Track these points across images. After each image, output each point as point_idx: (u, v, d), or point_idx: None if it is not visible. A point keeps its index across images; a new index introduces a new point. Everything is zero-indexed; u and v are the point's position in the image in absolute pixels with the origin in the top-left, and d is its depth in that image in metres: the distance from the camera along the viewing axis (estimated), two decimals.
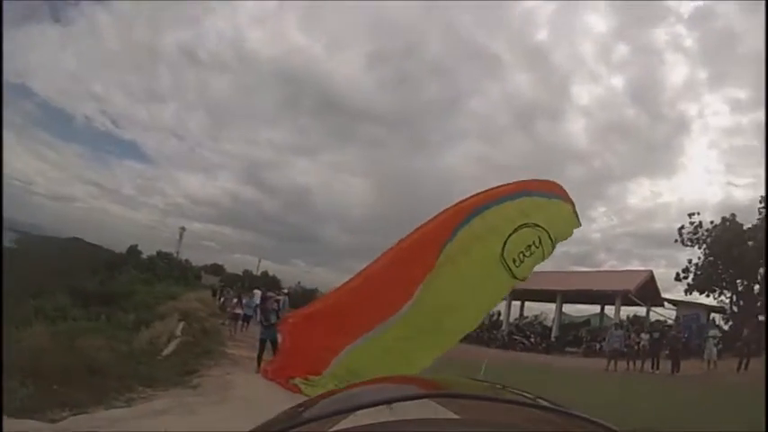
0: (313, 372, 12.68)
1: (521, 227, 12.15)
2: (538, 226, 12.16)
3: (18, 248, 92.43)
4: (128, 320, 25.72)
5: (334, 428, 1.29)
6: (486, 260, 12.41)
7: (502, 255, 12.00)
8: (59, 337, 16.76)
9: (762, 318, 28.80)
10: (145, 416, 9.39)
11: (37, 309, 28.87)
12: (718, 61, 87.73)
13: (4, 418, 8.18)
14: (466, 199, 12.39)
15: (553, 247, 12.82)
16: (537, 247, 12.68)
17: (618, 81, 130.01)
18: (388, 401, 1.28)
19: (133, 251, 62.61)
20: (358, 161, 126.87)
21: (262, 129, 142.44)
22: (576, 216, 13.51)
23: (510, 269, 12.44)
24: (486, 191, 12.66)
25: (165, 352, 17.17)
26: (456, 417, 1.51)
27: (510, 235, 12.06)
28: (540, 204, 12.64)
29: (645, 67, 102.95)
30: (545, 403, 1.41)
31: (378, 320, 12.49)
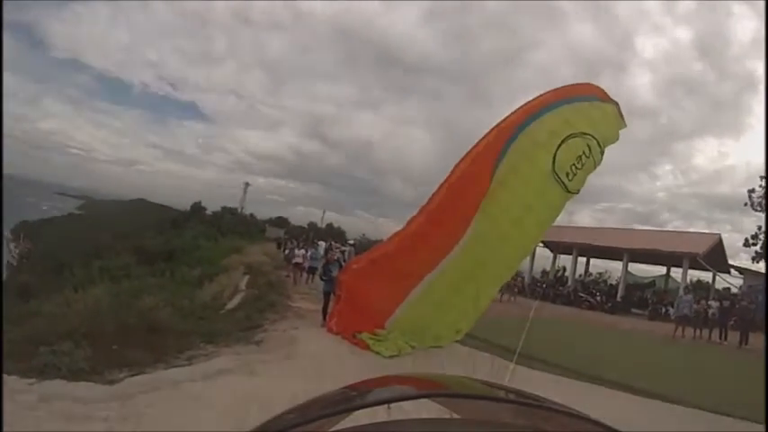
0: (377, 324, 12.03)
1: (568, 137, 11.17)
2: (585, 134, 11.15)
3: (82, 213, 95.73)
4: (192, 275, 25.69)
5: (334, 428, 1.26)
6: (536, 177, 11.47)
7: (553, 169, 11.09)
8: (121, 296, 16.62)
9: None
10: (205, 376, 8.83)
11: (101, 269, 29.30)
12: None
13: (59, 381, 7.86)
14: (507, 117, 11.36)
15: (602, 154, 11.73)
16: (588, 157, 11.73)
17: (684, 34, 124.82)
18: (388, 401, 1.27)
19: (197, 208, 63.42)
20: (419, 114, 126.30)
21: (321, 84, 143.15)
22: (622, 116, 12.21)
23: (564, 183, 11.50)
24: (526, 104, 11.59)
25: (229, 306, 16.82)
26: (456, 417, 1.45)
27: (558, 147, 11.08)
28: (582, 109, 11.56)
29: (712, 20, 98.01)
30: (547, 403, 1.33)
31: (440, 257, 11.68)
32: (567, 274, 44.19)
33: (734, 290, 35.40)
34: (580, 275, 44.29)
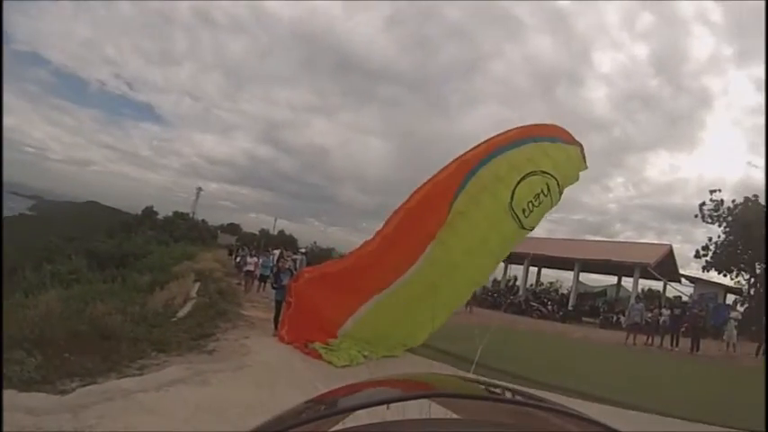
0: (328, 334, 12.28)
1: (528, 175, 11.71)
2: (545, 173, 11.72)
3: (34, 215, 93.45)
4: (143, 282, 25.48)
5: (334, 429, 1.28)
6: (495, 211, 11.97)
7: (511, 205, 11.59)
8: (71, 302, 16.50)
9: None
10: (157, 386, 8.93)
11: (52, 273, 28.87)
12: (746, 38, 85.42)
13: (11, 391, 7.85)
14: (472, 148, 11.84)
15: (560, 194, 12.30)
16: (545, 196, 12.31)
17: (641, 50, 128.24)
18: (387, 401, 1.27)
19: (149, 212, 62.68)
20: (376, 122, 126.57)
21: (279, 89, 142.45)
22: (584, 158, 12.83)
23: (519, 219, 12.05)
24: (491, 139, 12.10)
25: (180, 314, 16.80)
26: (456, 417, 1.48)
27: (518, 184, 11.62)
28: (546, 149, 12.14)
29: (669, 37, 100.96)
30: (545, 404, 1.37)
31: (393, 278, 12.05)
32: (518, 283, 44.80)
33: (685, 298, 36.54)
34: (531, 285, 44.99)
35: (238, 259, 29.99)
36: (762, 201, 33.63)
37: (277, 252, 30.51)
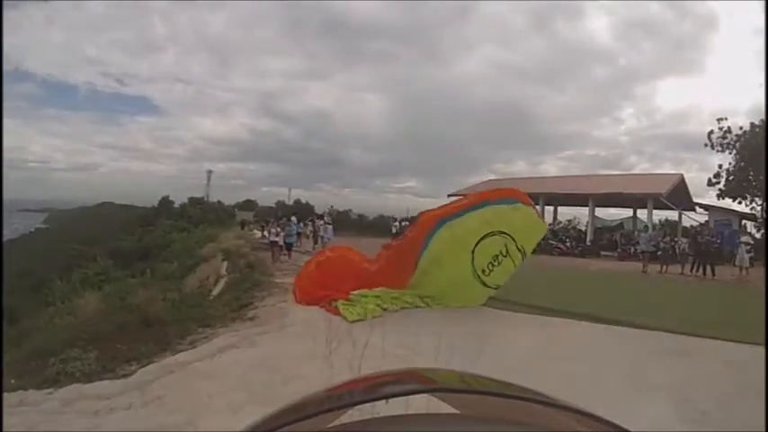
0: (336, 295, 12.69)
1: (486, 236, 11.92)
2: (503, 233, 11.90)
3: (49, 227, 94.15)
4: (172, 270, 26.07)
5: (332, 424, 1.25)
6: (456, 272, 12.27)
7: (472, 265, 11.86)
8: (109, 299, 17.06)
9: None
10: (211, 354, 9.47)
11: (82, 278, 29.48)
12: None
13: (76, 385, 8.36)
14: (431, 210, 12.18)
15: (523, 256, 12.53)
16: (504, 256, 12.53)
17: None
18: (387, 396, 1.26)
19: (166, 202, 62.94)
20: (372, 79, 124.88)
21: (269, 59, 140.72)
22: (540, 217, 12.88)
23: (481, 279, 12.35)
24: (448, 205, 12.43)
25: (215, 292, 17.33)
26: (456, 412, 1.43)
27: (476, 244, 11.86)
28: (503, 212, 12.31)
29: None
30: (549, 399, 1.30)
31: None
32: None
33: (693, 224, 36.50)
34: (549, 224, 45.01)
35: (267, 234, 30.01)
36: None
37: (295, 219, 31.10)
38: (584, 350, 9.72)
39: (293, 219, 31.39)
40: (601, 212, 43.30)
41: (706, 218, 36.16)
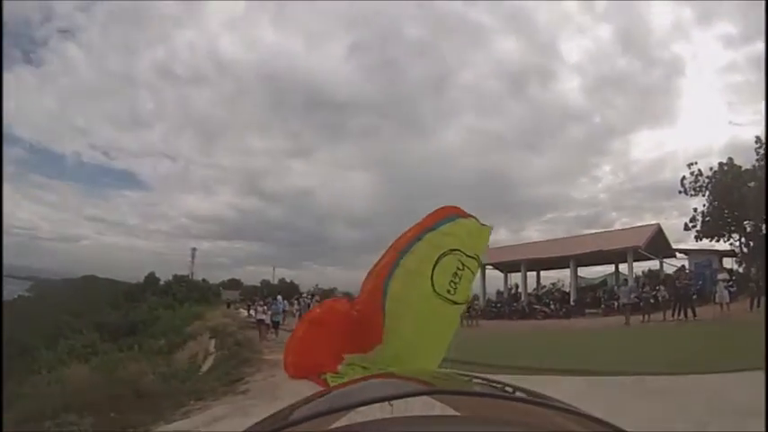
0: (326, 368, 13.23)
1: (439, 259, 12.74)
2: (454, 250, 12.73)
3: (33, 295, 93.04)
4: (160, 346, 26.27)
5: (333, 426, 1.23)
6: (421, 302, 13.05)
7: (434, 291, 12.59)
8: (97, 371, 17.30)
9: None
10: (206, 424, 9.85)
11: (69, 349, 29.47)
12: None
13: None
14: (380, 259, 13.09)
15: (478, 263, 13.32)
16: (462, 270, 13.29)
17: (605, 31, 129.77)
18: (388, 398, 1.24)
19: (151, 278, 62.98)
20: (354, 155, 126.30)
21: (253, 137, 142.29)
22: (482, 224, 13.98)
23: (448, 298, 13.06)
24: (393, 245, 13.33)
25: (204, 368, 17.64)
26: (456, 414, 1.41)
27: (433, 270, 12.65)
28: (446, 231, 13.20)
29: (630, 10, 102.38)
30: (548, 401, 1.32)
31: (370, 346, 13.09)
32: (519, 290, 45.05)
33: (687, 271, 36.84)
34: (534, 289, 45.33)
35: (254, 312, 30.22)
36: (736, 162, 34.78)
37: (280, 298, 31.51)
38: (566, 399, 10.06)
39: (279, 297, 31.73)
40: (584, 271, 43.74)
41: (686, 262, 36.72)
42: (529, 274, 44.19)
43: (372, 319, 6.22)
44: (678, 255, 38.78)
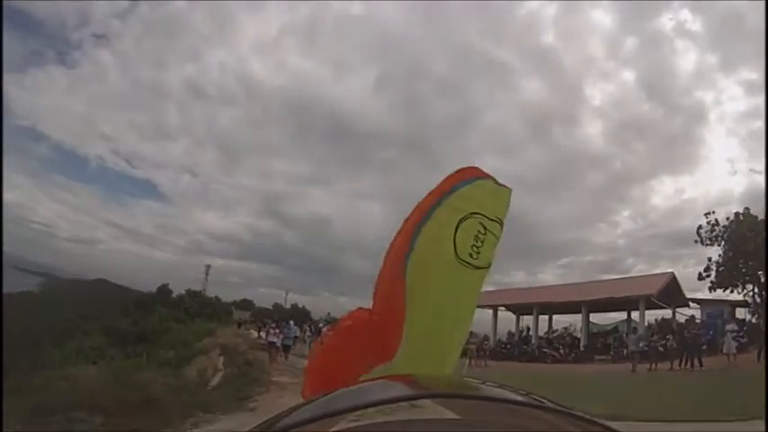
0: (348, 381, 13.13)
1: (459, 223, 12.53)
2: (474, 214, 12.52)
3: (43, 291, 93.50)
4: (169, 357, 26.35)
5: (335, 428, 1.28)
6: (443, 268, 12.75)
7: (456, 256, 12.35)
8: (104, 374, 17.41)
9: None
10: None
11: (77, 349, 29.62)
12: (727, 43, 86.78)
13: None
14: (401, 228, 12.92)
15: (501, 226, 13.17)
16: (484, 234, 13.05)
17: (629, 76, 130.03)
18: (389, 401, 1.27)
19: (164, 290, 63.22)
20: (374, 187, 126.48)
21: (275, 160, 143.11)
22: (500, 185, 13.86)
23: (470, 264, 12.80)
24: (414, 210, 13.13)
25: (213, 383, 17.69)
26: (457, 417, 1.46)
27: (455, 234, 12.43)
28: (464, 194, 12.96)
29: (654, 56, 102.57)
30: (549, 404, 1.38)
31: (396, 345, 12.94)
32: (530, 333, 44.80)
33: (697, 320, 36.45)
34: (546, 332, 44.97)
35: (265, 335, 30.34)
36: (753, 212, 34.33)
37: (293, 323, 31.64)
38: None
39: (291, 322, 31.85)
40: (598, 317, 43.20)
41: (698, 311, 36.19)
42: (541, 317, 44.04)
43: (392, 310, 5.95)
44: (691, 304, 38.47)
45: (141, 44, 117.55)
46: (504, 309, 44.02)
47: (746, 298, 35.59)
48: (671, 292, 37.07)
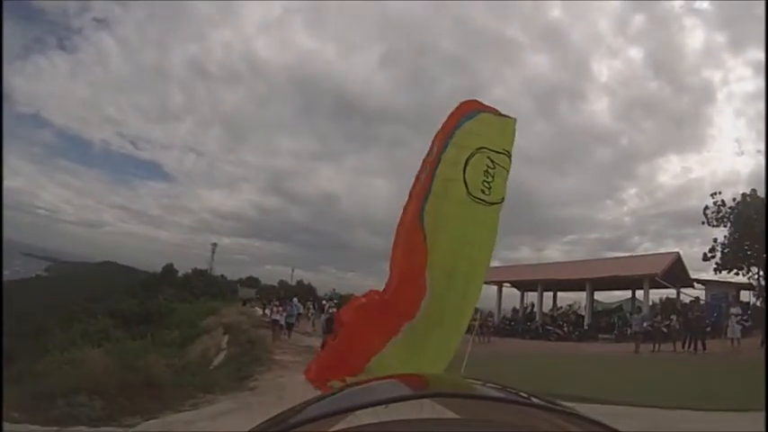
0: (352, 372, 13.05)
1: (467, 160, 12.35)
2: (481, 148, 12.33)
3: (50, 275, 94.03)
4: (173, 337, 26.48)
5: (335, 428, 1.30)
6: (457, 209, 12.60)
7: (469, 193, 12.19)
8: (109, 356, 17.48)
9: None
10: (213, 416, 9.97)
11: (82, 333, 29.76)
12: (737, 22, 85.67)
13: (82, 428, 8.83)
14: (415, 184, 12.72)
15: (509, 158, 12.99)
16: (493, 168, 12.85)
17: (637, 53, 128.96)
18: (388, 401, 1.28)
19: (169, 270, 63.60)
20: (381, 163, 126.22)
21: (281, 138, 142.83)
22: (502, 115, 13.71)
23: (483, 200, 12.66)
24: (423, 164, 12.90)
25: (216, 363, 17.78)
26: (456, 417, 1.50)
27: (464, 172, 12.24)
28: (468, 130, 12.75)
29: (663, 35, 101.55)
30: (548, 404, 1.37)
31: (417, 305, 12.84)
32: (535, 309, 44.76)
33: (687, 300, 36.35)
34: (550, 309, 45.06)
35: (270, 312, 30.38)
36: (759, 193, 33.57)
37: (296, 300, 31.63)
38: None
39: (294, 300, 31.86)
40: (603, 294, 43.52)
41: (703, 293, 36.25)
42: (546, 294, 44.04)
43: (413, 263, 5.90)
44: (696, 285, 38.23)
45: (142, 27, 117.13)
46: (508, 285, 44.04)
47: (751, 281, 35.43)
48: (676, 272, 37.05)
